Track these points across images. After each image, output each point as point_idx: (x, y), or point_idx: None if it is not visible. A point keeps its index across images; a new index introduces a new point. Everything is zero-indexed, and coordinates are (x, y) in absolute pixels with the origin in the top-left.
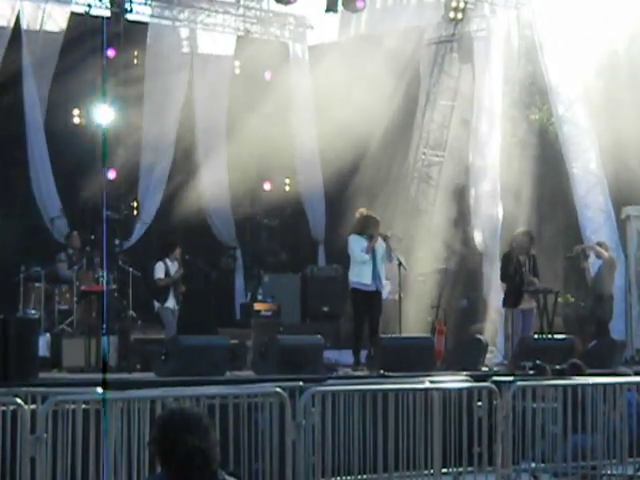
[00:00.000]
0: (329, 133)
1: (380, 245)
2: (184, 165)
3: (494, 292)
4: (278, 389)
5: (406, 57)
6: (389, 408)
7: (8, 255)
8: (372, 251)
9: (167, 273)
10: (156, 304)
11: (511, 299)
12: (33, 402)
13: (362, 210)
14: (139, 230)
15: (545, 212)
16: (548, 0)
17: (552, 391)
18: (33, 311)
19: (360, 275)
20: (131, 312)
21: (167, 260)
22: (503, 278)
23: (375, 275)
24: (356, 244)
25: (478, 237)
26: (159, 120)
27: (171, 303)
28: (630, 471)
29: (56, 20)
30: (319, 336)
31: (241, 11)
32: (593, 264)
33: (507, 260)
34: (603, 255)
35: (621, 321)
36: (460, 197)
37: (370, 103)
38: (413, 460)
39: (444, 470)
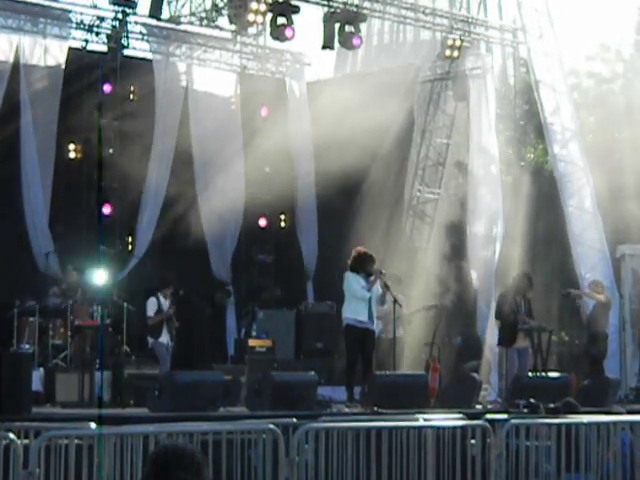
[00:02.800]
0: (325, 169)
1: (377, 284)
2: (180, 199)
3: (489, 329)
4: (272, 425)
5: (401, 94)
6: (383, 445)
7: (2, 289)
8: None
9: (159, 309)
10: (150, 339)
11: (506, 338)
12: (26, 437)
13: (359, 248)
14: (132, 264)
15: (540, 250)
16: (544, 39)
17: (546, 429)
18: (27, 345)
19: (357, 312)
20: (125, 347)
21: (160, 296)
22: (498, 317)
23: (370, 313)
24: (355, 281)
25: (473, 274)
26: (157, 155)
27: (165, 338)
28: None
29: (54, 55)
30: (313, 372)
31: (238, 47)
32: (588, 302)
33: (503, 300)
34: (596, 298)
35: (615, 360)
36: (455, 234)
37: (366, 140)
38: None
39: None
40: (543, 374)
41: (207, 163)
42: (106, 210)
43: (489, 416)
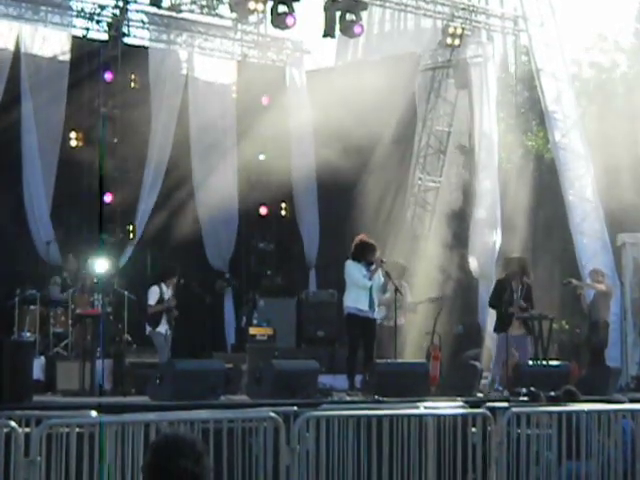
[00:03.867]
0: (326, 158)
1: (378, 273)
2: (180, 188)
3: (490, 318)
4: (272, 414)
5: (402, 83)
6: (383, 434)
7: (3, 278)
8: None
9: (161, 298)
10: (148, 328)
11: (500, 325)
12: (27, 425)
13: (361, 236)
14: (133, 253)
15: (541, 239)
16: (545, 27)
17: (547, 418)
18: (28, 334)
19: (357, 300)
20: (126, 336)
21: (163, 285)
22: (492, 304)
23: (371, 302)
24: (356, 270)
25: (474, 263)
26: (157, 144)
27: (163, 328)
28: None
29: (55, 44)
30: (314, 361)
31: (238, 35)
32: (589, 291)
33: (499, 286)
34: (597, 289)
35: (616, 348)
36: (456, 222)
37: (366, 128)
38: None
39: None
40: (544, 362)
41: (206, 151)
42: (107, 198)
43: (490, 404)
